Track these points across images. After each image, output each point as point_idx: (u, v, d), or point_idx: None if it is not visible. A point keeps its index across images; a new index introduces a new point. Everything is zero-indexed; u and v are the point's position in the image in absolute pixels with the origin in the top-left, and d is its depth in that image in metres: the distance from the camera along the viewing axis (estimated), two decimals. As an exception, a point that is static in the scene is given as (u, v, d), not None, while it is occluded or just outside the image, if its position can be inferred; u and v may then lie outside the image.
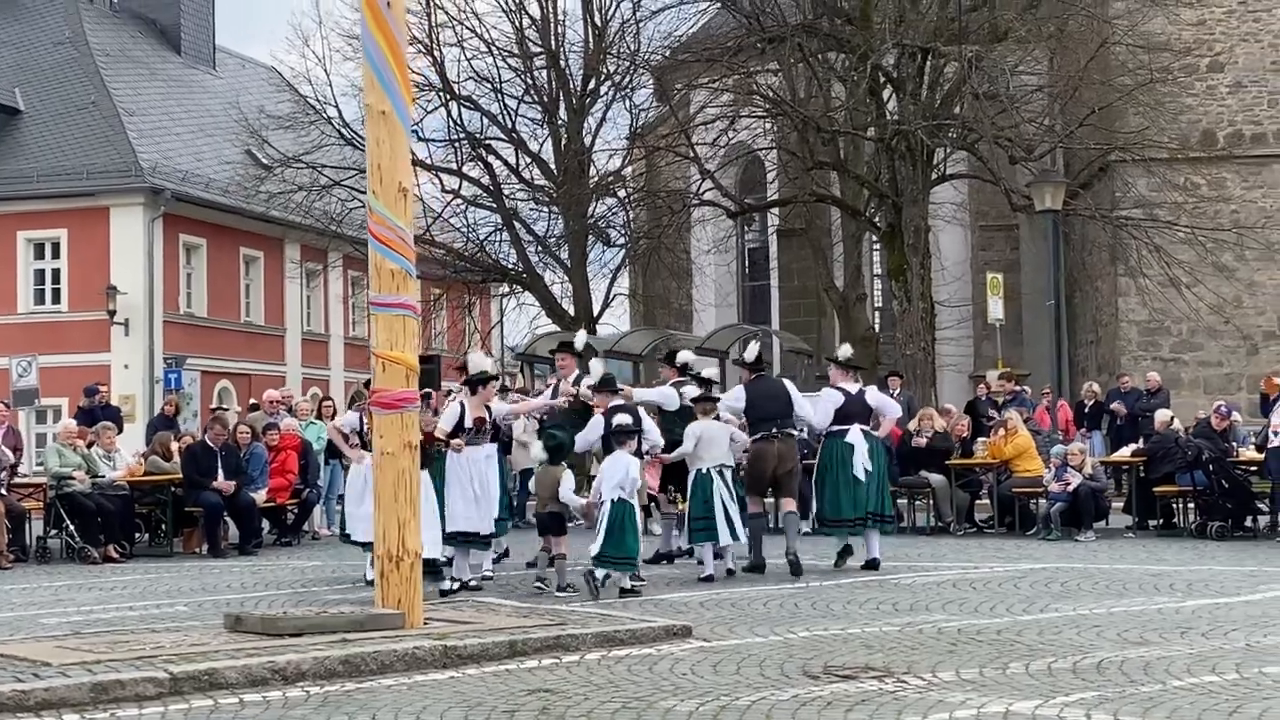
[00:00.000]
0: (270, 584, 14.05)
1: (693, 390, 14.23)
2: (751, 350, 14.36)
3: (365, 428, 13.03)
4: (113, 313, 33.98)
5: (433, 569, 12.02)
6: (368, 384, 13.72)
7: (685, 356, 15.61)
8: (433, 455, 12.49)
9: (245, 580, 14.45)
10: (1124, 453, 19.28)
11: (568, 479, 12.39)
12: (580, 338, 15.36)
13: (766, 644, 9.37)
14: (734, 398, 14.11)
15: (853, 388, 14.12)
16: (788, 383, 14.37)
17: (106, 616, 11.55)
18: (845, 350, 14.87)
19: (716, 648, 9.24)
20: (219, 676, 7.98)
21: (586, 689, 7.93)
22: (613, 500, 12.06)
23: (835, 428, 13.90)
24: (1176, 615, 10.40)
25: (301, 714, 7.39)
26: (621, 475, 12.12)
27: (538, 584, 12.50)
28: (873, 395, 14.40)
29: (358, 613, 9.64)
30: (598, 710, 7.37)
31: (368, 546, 12.57)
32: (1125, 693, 7.57)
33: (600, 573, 11.83)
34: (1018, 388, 22.29)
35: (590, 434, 13.02)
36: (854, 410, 13.91)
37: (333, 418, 17.84)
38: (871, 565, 13.78)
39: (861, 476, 13.69)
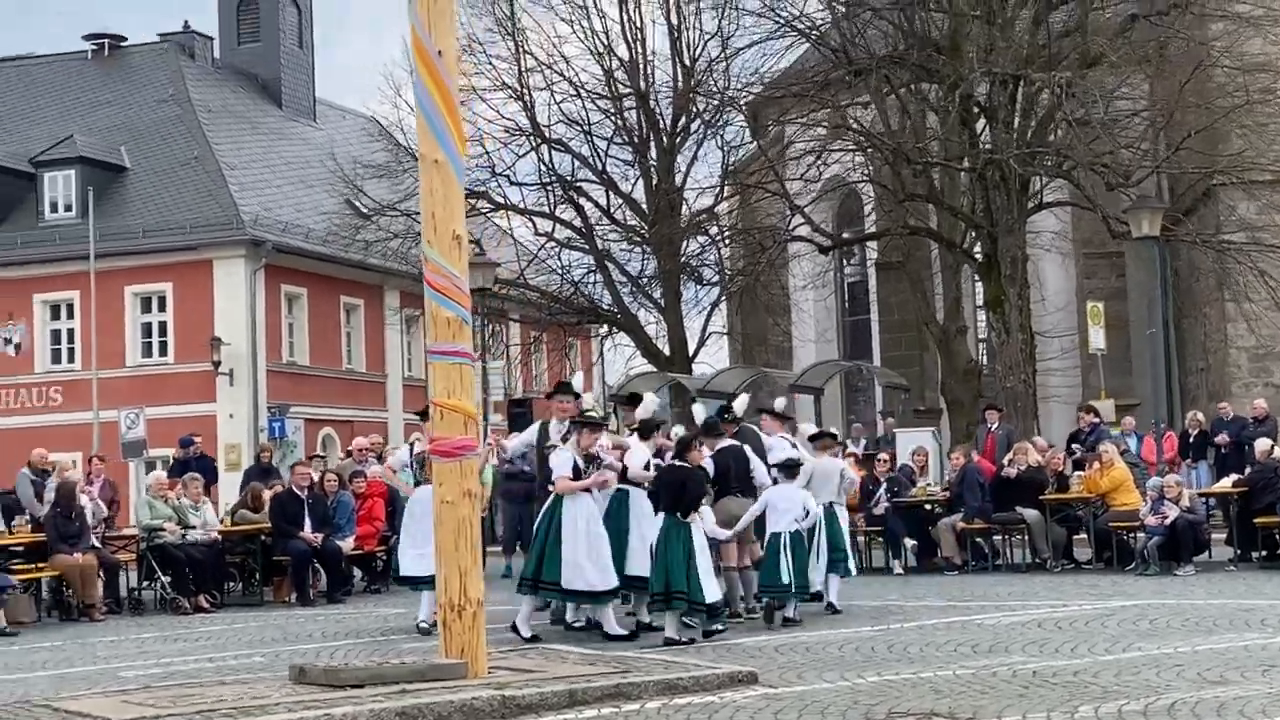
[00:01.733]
0: (351, 633, 14.09)
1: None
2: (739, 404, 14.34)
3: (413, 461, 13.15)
4: (217, 363, 34.54)
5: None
6: (420, 413, 13.78)
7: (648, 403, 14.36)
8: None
9: (327, 629, 14.50)
10: (1224, 484, 18.73)
11: (708, 514, 12.49)
12: (578, 381, 14.40)
13: (833, 690, 9.17)
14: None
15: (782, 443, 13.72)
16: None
17: (185, 669, 11.63)
18: (780, 402, 14.69)
19: (781, 695, 9.06)
20: (273, 730, 7.97)
21: (641, 739, 7.82)
22: (787, 531, 12.61)
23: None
24: (1263, 653, 10.04)
25: (351, 768, 7.35)
26: (797, 509, 12.69)
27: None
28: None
29: (419, 663, 9.59)
30: (649, 761, 7.25)
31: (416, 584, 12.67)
32: (1194, 738, 7.30)
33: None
34: (1096, 420, 21.75)
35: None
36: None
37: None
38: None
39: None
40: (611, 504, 12.69)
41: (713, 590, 11.95)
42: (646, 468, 12.80)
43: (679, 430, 15.80)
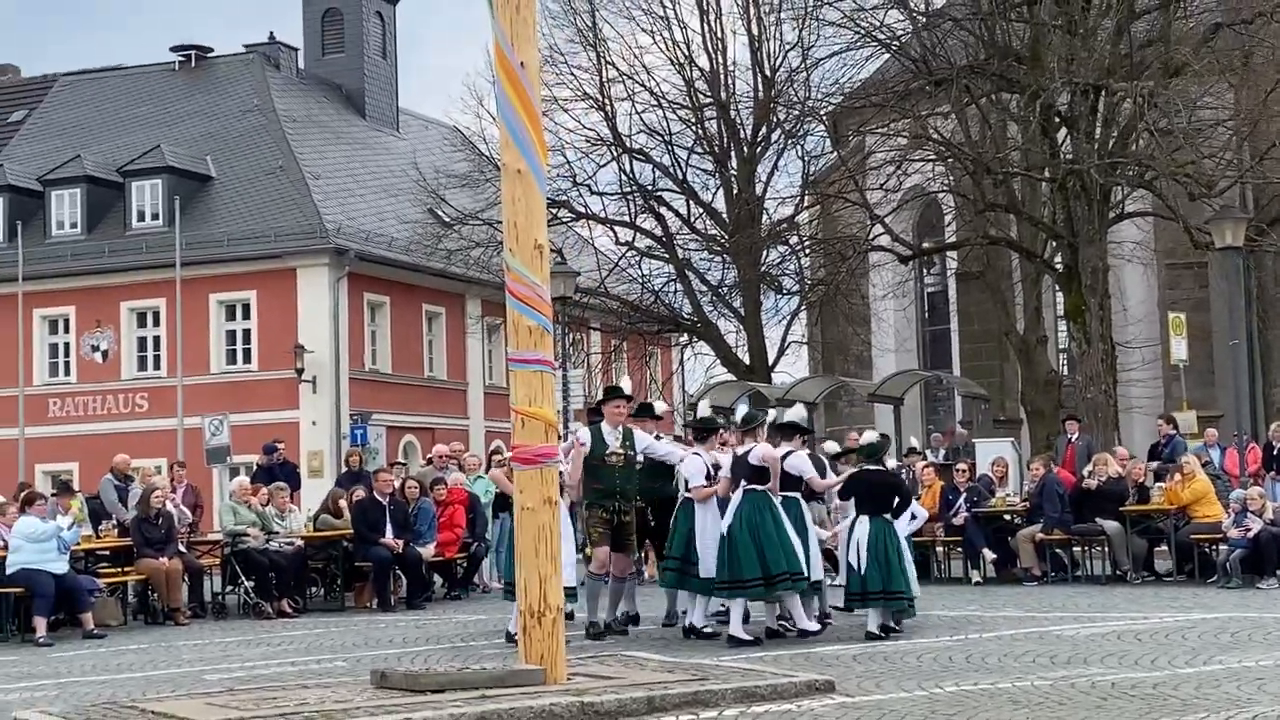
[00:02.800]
0: (432, 638, 14.24)
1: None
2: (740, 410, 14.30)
3: None
4: (300, 371, 34.93)
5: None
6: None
7: (660, 407, 15.15)
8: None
9: (408, 635, 14.67)
10: (1308, 496, 18.52)
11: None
12: (626, 384, 14.61)
13: (910, 699, 9.19)
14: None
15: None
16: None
17: (267, 673, 11.82)
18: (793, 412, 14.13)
19: (859, 703, 9.08)
20: (356, 732, 8.10)
21: (719, 746, 7.88)
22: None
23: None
24: (1348, 668, 9.94)
25: (432, 770, 7.46)
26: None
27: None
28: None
29: (499, 669, 9.70)
30: (726, 768, 7.31)
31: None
32: (1275, 752, 7.26)
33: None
34: (1173, 430, 21.55)
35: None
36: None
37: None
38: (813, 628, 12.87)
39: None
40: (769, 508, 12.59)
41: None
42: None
43: (831, 445, 16.10)
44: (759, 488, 12.49)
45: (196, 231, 36.08)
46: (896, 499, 13.10)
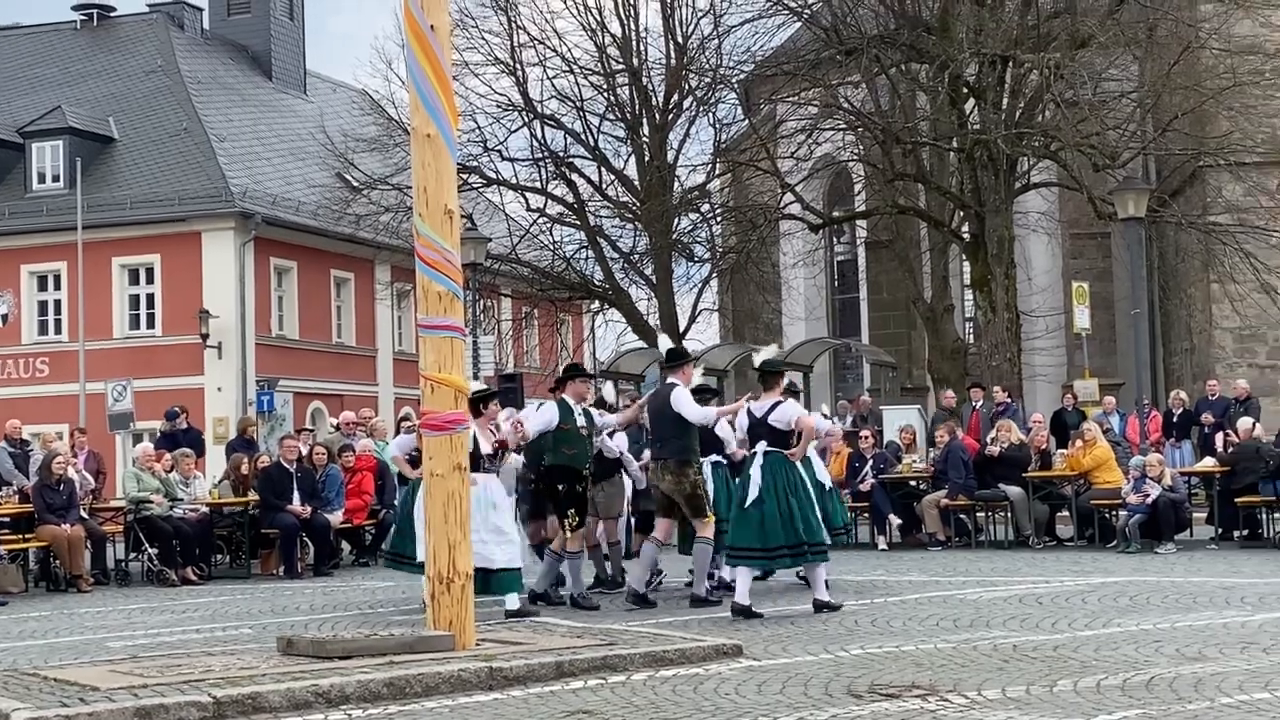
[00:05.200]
0: (339, 605, 14.18)
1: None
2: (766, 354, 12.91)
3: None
4: (205, 336, 34.54)
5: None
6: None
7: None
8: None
9: (315, 602, 14.59)
10: (1206, 463, 18.90)
11: None
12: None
13: (816, 662, 9.28)
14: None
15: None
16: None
17: (171, 640, 11.71)
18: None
19: (765, 667, 9.16)
20: (262, 700, 8.04)
21: (626, 710, 7.90)
22: None
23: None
24: (1242, 630, 10.16)
25: (340, 737, 7.44)
26: None
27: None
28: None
29: (408, 635, 9.67)
30: (633, 731, 7.35)
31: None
32: (1170, 711, 7.41)
33: None
34: (1008, 399, 22.06)
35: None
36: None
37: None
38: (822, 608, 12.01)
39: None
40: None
41: None
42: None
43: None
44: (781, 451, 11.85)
45: (99, 194, 35.48)
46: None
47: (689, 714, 7.73)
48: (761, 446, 11.87)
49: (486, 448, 12.32)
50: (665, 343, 14.06)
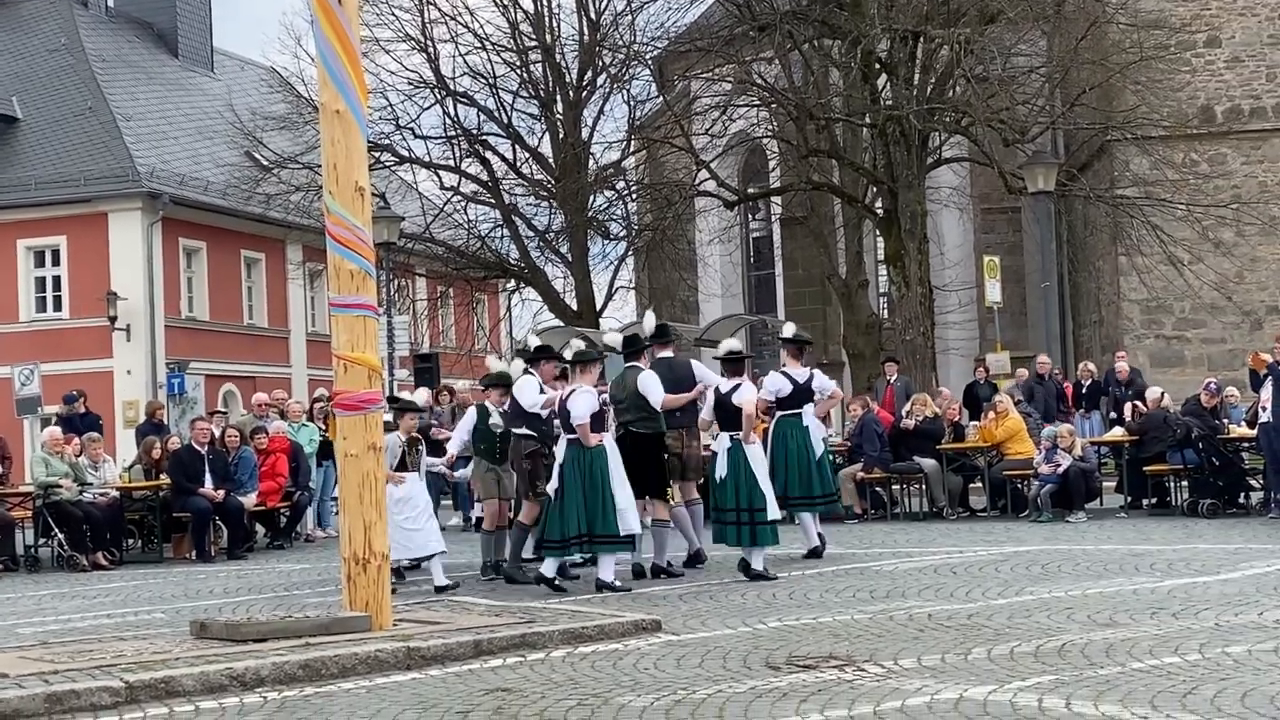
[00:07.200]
0: (254, 588, 14.03)
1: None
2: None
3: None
4: (114, 318, 34.05)
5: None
6: (391, 399, 13.64)
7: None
8: None
9: (229, 585, 14.43)
10: (1115, 433, 19.17)
11: None
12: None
13: (735, 636, 9.32)
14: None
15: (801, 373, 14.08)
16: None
17: (82, 625, 11.54)
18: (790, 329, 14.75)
19: (684, 641, 9.18)
20: (175, 684, 7.95)
21: (546, 686, 7.89)
22: None
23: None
24: (1151, 596, 10.32)
25: (256, 720, 7.36)
26: None
27: None
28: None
29: (323, 616, 9.60)
30: (552, 708, 7.32)
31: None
32: (1083, 676, 7.50)
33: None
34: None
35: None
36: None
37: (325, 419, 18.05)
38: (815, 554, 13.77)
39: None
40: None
41: None
42: None
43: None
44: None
45: (3, 175, 34.96)
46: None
47: (609, 689, 7.73)
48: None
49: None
50: (650, 321, 13.84)
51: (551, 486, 12.13)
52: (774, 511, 12.58)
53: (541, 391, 13.01)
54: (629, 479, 12.08)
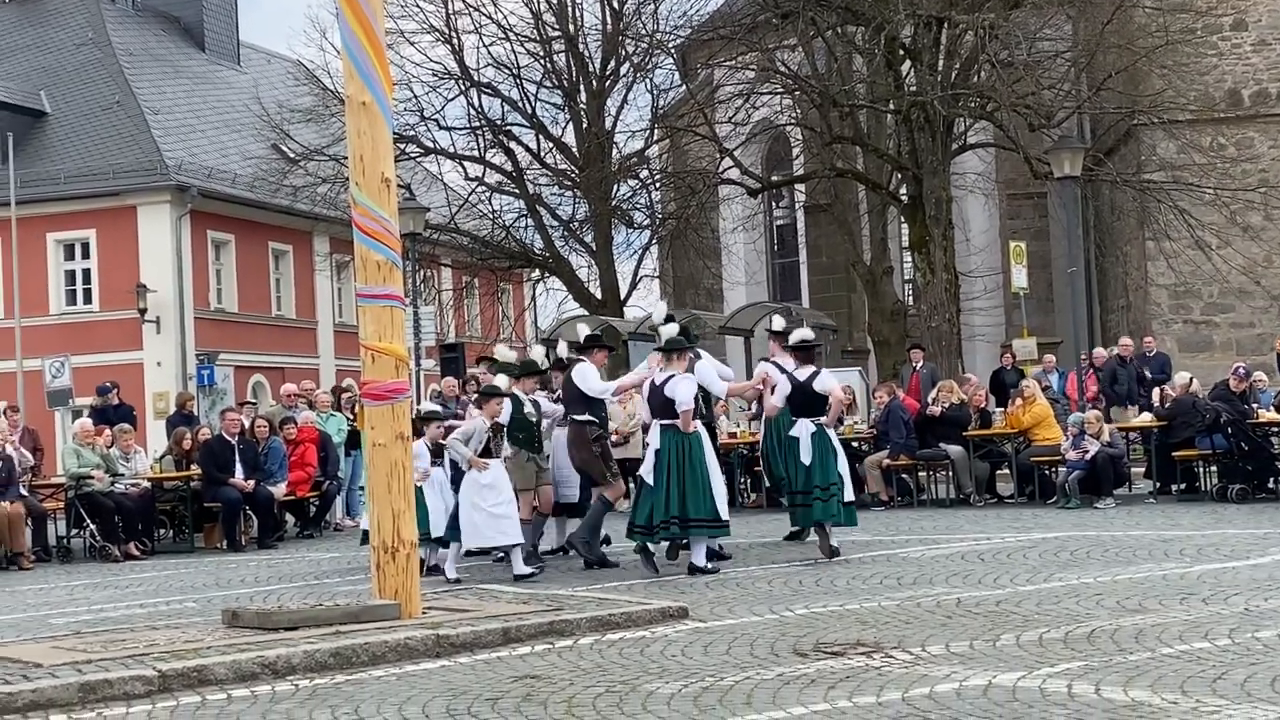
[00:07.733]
0: (284, 577, 14.13)
1: None
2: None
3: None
4: (143, 311, 34.21)
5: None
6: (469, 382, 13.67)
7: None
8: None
9: (260, 574, 14.53)
10: (1144, 418, 19.11)
11: None
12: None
13: (762, 623, 9.34)
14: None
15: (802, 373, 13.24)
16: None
17: (114, 615, 11.64)
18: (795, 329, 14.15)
19: (711, 628, 9.22)
20: (208, 673, 8.01)
21: (573, 674, 7.93)
22: None
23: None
24: (1181, 581, 10.31)
25: (287, 708, 7.39)
26: None
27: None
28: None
29: (353, 605, 9.67)
30: (581, 695, 7.36)
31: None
32: (1112, 661, 7.51)
33: None
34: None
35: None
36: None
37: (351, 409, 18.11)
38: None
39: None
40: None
41: None
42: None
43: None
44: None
45: (32, 169, 35.04)
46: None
47: (636, 676, 7.77)
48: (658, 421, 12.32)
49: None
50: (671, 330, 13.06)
51: (646, 470, 12.13)
52: (850, 493, 13.09)
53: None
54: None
